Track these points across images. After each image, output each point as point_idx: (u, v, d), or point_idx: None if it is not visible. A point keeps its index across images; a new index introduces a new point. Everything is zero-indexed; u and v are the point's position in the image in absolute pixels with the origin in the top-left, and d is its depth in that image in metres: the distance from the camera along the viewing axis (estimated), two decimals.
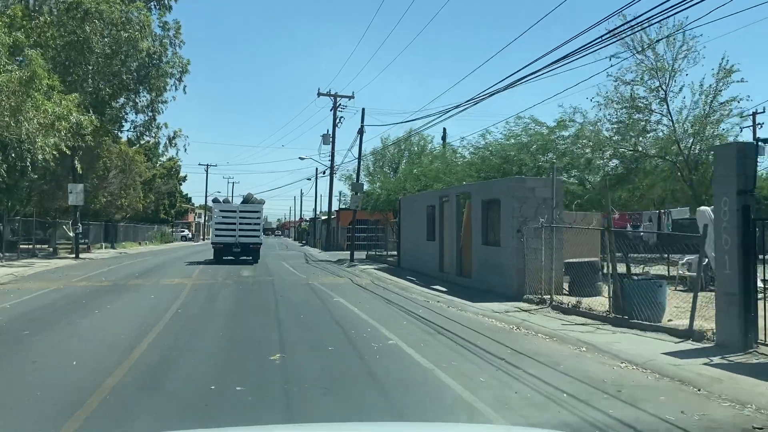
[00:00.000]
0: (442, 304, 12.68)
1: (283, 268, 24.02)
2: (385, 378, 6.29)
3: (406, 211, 22.42)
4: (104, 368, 6.45)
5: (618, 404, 5.37)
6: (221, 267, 23.50)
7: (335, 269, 23.53)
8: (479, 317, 10.93)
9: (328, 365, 6.83)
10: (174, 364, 6.81)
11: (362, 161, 31.23)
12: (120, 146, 42.65)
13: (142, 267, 23.58)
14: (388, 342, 8.24)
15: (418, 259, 20.22)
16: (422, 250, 19.73)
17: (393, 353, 7.54)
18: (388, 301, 13.01)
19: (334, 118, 42.71)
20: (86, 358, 7.06)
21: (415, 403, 5.45)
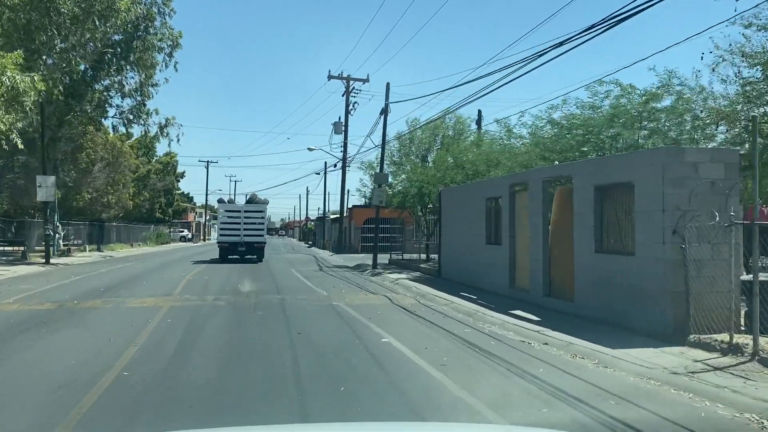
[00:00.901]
0: (556, 350, 7.92)
1: (292, 277, 19.29)
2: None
3: (449, 206, 17.68)
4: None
5: None
6: (215, 275, 18.79)
7: (359, 280, 18.77)
8: (657, 386, 6.18)
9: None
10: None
11: (385, 149, 26.46)
12: (106, 136, 38.02)
13: (117, 277, 18.88)
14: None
15: (470, 269, 15.48)
16: (476, 257, 14.98)
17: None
18: (468, 345, 8.24)
19: (346, 104, 38.00)
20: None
21: None
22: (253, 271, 21.78)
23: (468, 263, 15.69)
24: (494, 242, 14.14)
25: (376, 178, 22.85)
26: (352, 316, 10.57)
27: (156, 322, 9.68)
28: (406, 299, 13.32)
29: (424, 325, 9.90)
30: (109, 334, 8.74)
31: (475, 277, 15.07)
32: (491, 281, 13.98)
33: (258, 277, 19.11)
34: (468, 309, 11.53)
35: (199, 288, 15.22)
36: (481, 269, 14.71)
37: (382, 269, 22.74)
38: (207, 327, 9.43)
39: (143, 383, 5.94)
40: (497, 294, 13.25)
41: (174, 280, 17.49)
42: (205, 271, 21.55)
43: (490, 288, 13.93)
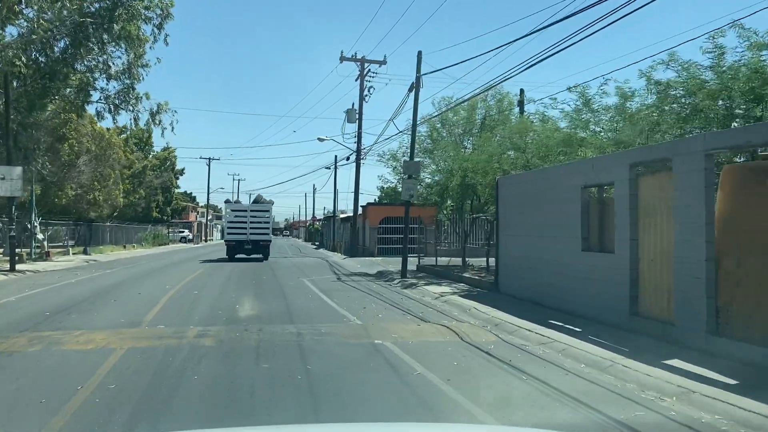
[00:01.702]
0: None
1: (305, 291, 15.18)
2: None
3: (512, 198, 13.55)
4: None
5: None
6: (208, 288, 14.72)
7: (392, 294, 14.65)
8: None
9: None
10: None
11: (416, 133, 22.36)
12: (93, 125, 34.02)
13: (85, 290, 14.82)
14: None
15: (550, 284, 11.35)
16: (563, 269, 10.85)
17: None
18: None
19: (361, 89, 33.95)
20: None
21: None
22: (257, 280, 17.69)
23: (546, 276, 11.54)
24: (598, 248, 10.00)
25: (406, 167, 18.72)
26: (417, 374, 6.44)
27: (85, 395, 5.58)
28: (478, 332, 9.18)
29: (554, 397, 5.77)
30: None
31: (560, 296, 10.93)
32: (592, 303, 9.84)
33: (262, 289, 15.02)
34: (591, 356, 7.38)
35: (182, 310, 11.12)
36: (571, 285, 10.56)
37: (412, 278, 18.63)
38: (173, 405, 5.33)
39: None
40: (608, 324, 9.12)
41: (153, 296, 13.41)
42: (198, 280, 17.48)
43: (589, 313, 9.80)
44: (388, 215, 34.86)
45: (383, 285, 17.21)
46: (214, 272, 21.02)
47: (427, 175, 21.25)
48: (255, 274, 20.45)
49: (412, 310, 11.56)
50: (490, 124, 20.30)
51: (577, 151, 12.59)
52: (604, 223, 9.94)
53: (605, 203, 10.04)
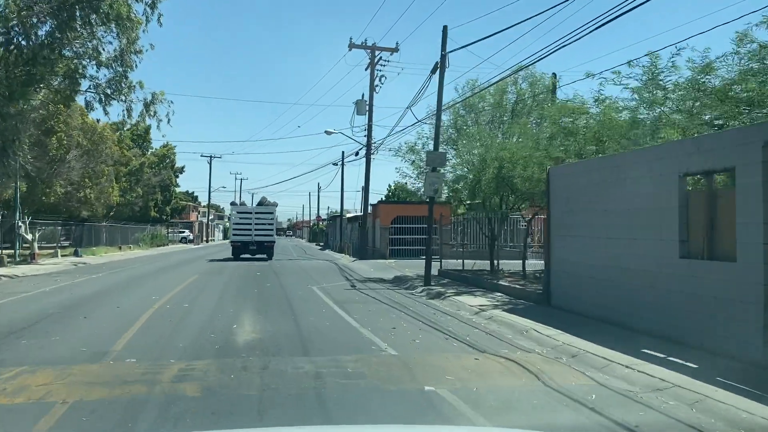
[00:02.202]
0: None
1: (318, 303, 12.82)
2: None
3: (570, 193, 11.19)
4: None
5: None
6: (202, 300, 12.38)
7: (422, 308, 12.28)
8: None
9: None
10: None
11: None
12: (84, 118, 31.74)
13: (54, 303, 12.48)
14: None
15: (630, 299, 9.00)
16: (653, 281, 8.50)
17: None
18: None
19: (371, 78, 31.61)
20: None
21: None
22: (260, 288, 15.34)
23: (623, 288, 9.17)
24: (705, 254, 7.62)
25: (430, 159, 16.34)
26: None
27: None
28: (559, 370, 6.80)
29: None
30: None
31: (644, 315, 8.55)
32: (698, 327, 7.47)
33: (266, 301, 12.66)
34: (749, 417, 5.01)
35: (164, 333, 8.77)
36: (662, 302, 8.18)
37: (437, 285, 16.27)
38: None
39: None
40: (729, 357, 6.76)
41: (134, 310, 11.07)
42: (193, 288, 15.13)
43: (693, 340, 7.44)
44: (400, 214, 32.49)
45: (406, 294, 14.84)
46: (212, 278, 18.68)
47: (449, 169, 18.86)
48: (257, 280, 18.11)
49: (455, 332, 9.19)
50: (522, 110, 17.91)
51: (655, 134, 10.18)
52: (715, 222, 7.55)
53: (716, 195, 7.66)
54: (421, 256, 32.62)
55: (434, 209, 32.88)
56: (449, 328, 9.56)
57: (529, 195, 15.53)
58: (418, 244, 32.78)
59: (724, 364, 6.56)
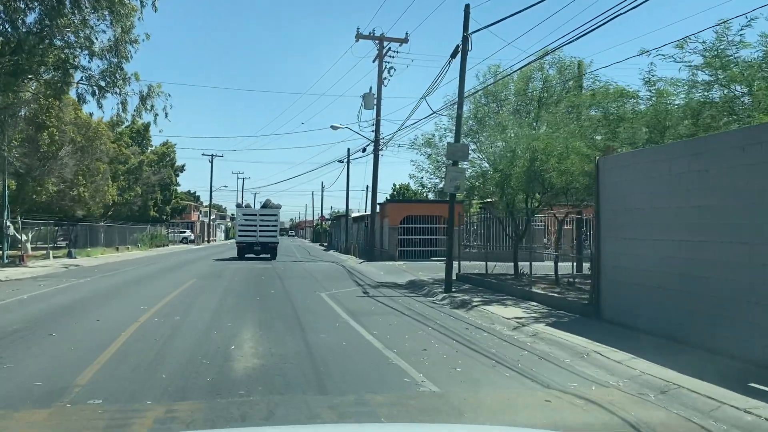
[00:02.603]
0: None
1: (329, 314, 11.18)
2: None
3: (627, 187, 9.51)
4: None
5: None
6: (195, 312, 10.74)
7: (448, 320, 10.63)
8: None
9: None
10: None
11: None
12: (77, 112, 30.16)
13: (26, 314, 10.87)
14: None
15: (714, 311, 7.33)
16: (747, 293, 6.80)
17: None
18: None
19: (379, 70, 29.99)
20: None
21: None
22: (262, 296, 13.70)
23: (705, 303, 7.50)
24: None
25: (451, 151, 14.67)
26: None
27: None
28: (657, 415, 5.14)
29: None
30: None
31: (738, 337, 6.88)
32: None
33: (270, 312, 11.02)
34: None
35: (144, 360, 7.13)
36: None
37: (459, 291, 14.63)
38: None
39: None
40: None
41: (115, 325, 9.44)
42: (187, 295, 13.50)
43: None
44: (409, 213, 30.84)
45: (426, 303, 13.19)
46: (210, 283, 17.05)
47: (465, 164, 17.18)
48: (260, 285, 16.48)
49: (501, 356, 7.53)
50: (549, 99, 16.25)
51: (733, 116, 8.52)
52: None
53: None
54: (432, 257, 31.00)
55: (443, 208, 31.32)
56: (491, 350, 7.91)
57: (564, 191, 13.87)
58: (428, 245, 31.13)
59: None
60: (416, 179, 17.95)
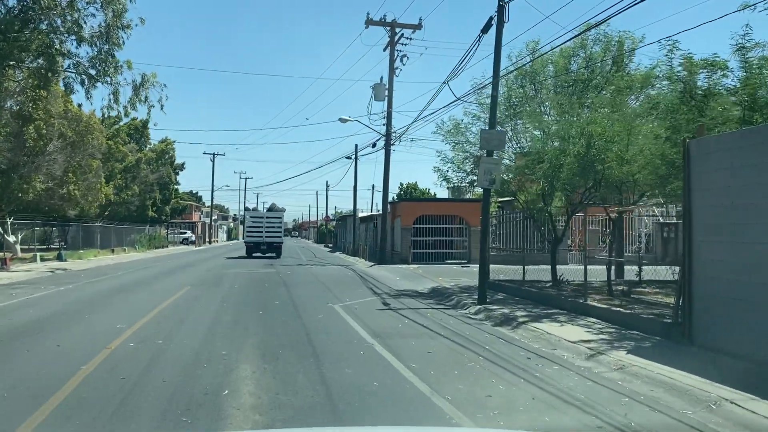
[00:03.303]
0: None
1: (347, 334, 9.08)
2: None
3: (733, 181, 7.38)
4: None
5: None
6: (184, 332, 8.66)
7: (497, 343, 8.52)
8: None
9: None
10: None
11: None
12: (66, 104, 28.14)
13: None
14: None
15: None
16: None
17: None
18: None
19: (391, 59, 27.92)
20: None
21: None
22: (265, 309, 11.59)
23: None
24: None
25: (486, 138, 12.54)
26: None
27: None
28: None
29: None
30: None
31: None
32: None
33: (275, 336, 8.92)
34: None
35: (102, 413, 5.03)
36: None
37: (495, 303, 12.52)
38: None
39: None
40: None
41: (77, 354, 7.37)
42: (177, 309, 11.40)
43: None
44: (423, 213, 28.72)
45: (461, 318, 11.08)
46: (207, 292, 14.97)
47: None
48: (263, 295, 14.38)
49: (596, 405, 5.41)
50: (590, 80, 14.13)
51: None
52: None
53: None
54: (447, 260, 28.87)
55: (460, 208, 29.21)
56: (578, 394, 5.79)
57: (618, 184, 11.75)
58: (443, 247, 29.03)
59: None
60: (440, 173, 15.84)
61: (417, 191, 67.25)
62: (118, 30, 22.86)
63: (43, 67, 22.80)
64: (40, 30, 21.87)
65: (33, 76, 23.72)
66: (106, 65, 23.06)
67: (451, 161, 15.83)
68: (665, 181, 9.79)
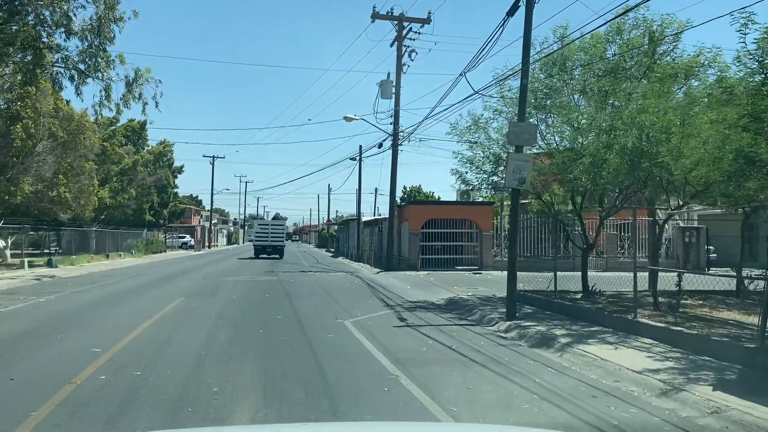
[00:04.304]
0: None
1: (365, 362, 7.63)
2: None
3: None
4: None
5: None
6: (169, 355, 7.16)
7: (556, 379, 7.04)
8: None
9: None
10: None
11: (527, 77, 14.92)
12: (57, 102, 26.76)
13: None
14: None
15: None
16: None
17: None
18: None
19: (398, 55, 26.53)
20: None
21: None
22: (267, 329, 10.11)
23: None
24: None
25: (514, 132, 11.10)
26: None
27: None
28: None
29: None
30: None
31: None
32: None
33: (278, 365, 7.45)
34: None
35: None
36: None
37: (525, 318, 11.06)
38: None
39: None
40: None
41: (23, 401, 5.91)
42: (164, 327, 9.93)
43: None
44: (433, 217, 27.26)
45: (491, 337, 9.62)
46: (201, 304, 13.50)
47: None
48: (263, 308, 12.91)
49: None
50: (626, 69, 12.70)
51: None
52: None
53: None
54: (456, 266, 27.38)
55: (470, 211, 27.72)
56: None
57: (665, 183, 10.30)
58: (452, 252, 27.55)
59: None
60: (458, 175, 14.39)
61: (421, 194, 65.81)
62: (110, 23, 21.49)
63: (29, 61, 21.44)
64: (26, 22, 20.52)
65: (19, 71, 22.36)
66: (97, 60, 21.68)
67: (470, 161, 14.37)
68: (735, 179, 8.34)
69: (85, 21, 21.21)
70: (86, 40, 21.45)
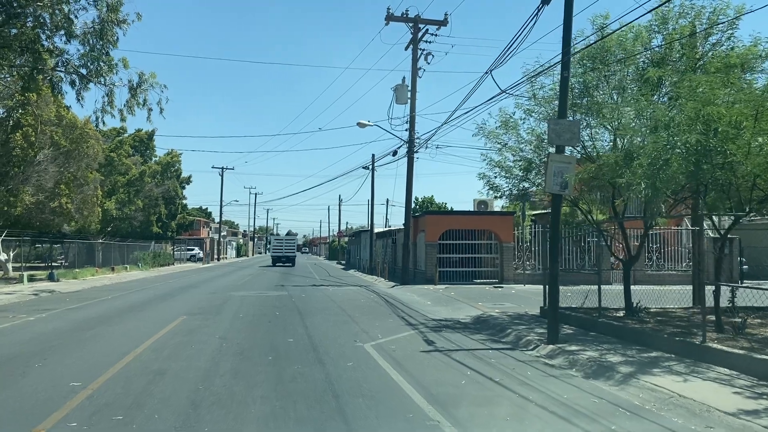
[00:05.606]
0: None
1: (396, 404, 6.36)
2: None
3: None
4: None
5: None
6: (146, 413, 5.90)
7: (639, 428, 5.67)
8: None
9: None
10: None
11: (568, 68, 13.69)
12: (59, 109, 25.82)
13: None
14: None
15: None
16: None
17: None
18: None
19: (414, 58, 25.39)
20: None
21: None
22: (277, 356, 8.83)
23: None
24: None
25: (555, 131, 9.84)
26: None
27: None
28: None
29: None
30: None
31: None
32: None
33: (290, 405, 6.18)
34: None
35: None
36: None
37: (569, 341, 9.74)
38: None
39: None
40: None
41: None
42: (159, 354, 8.69)
43: None
44: (451, 227, 25.95)
45: (536, 366, 8.29)
46: (204, 324, 12.26)
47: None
48: (273, 329, 11.64)
49: None
50: (677, 60, 11.44)
51: None
52: None
53: None
54: (475, 279, 26.03)
55: (490, 221, 26.37)
56: None
57: (726, 185, 8.97)
58: (471, 265, 26.22)
59: None
60: (486, 180, 13.11)
61: (434, 205, 64.55)
62: (113, 26, 20.52)
63: (28, 65, 20.47)
64: (24, 23, 19.59)
65: (18, 75, 21.42)
66: (99, 64, 20.68)
67: (499, 165, 13.10)
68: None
69: (87, 24, 20.29)
70: (88, 44, 20.49)
